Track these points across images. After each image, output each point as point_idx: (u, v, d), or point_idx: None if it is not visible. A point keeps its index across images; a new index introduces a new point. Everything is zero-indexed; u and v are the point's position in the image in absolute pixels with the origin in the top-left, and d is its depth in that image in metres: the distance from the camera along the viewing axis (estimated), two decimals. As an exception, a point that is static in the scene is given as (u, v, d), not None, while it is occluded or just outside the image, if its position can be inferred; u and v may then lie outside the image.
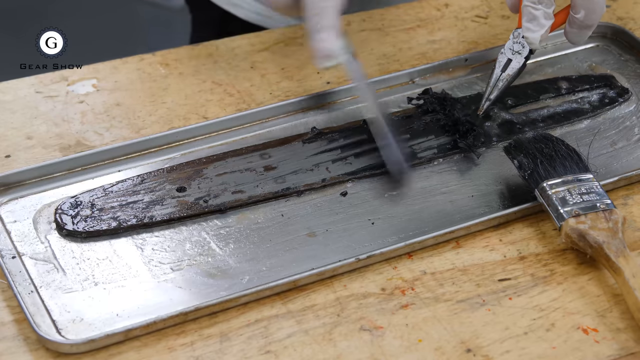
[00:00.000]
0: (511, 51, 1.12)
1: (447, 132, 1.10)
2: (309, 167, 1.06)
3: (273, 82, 1.18)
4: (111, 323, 0.92)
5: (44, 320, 0.91)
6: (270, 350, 0.90)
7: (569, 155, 1.02)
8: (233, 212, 1.02)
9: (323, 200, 1.04)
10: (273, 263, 0.97)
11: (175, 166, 1.06)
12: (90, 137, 1.11)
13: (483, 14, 1.29)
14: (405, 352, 0.90)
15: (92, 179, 1.05)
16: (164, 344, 0.91)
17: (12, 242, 0.98)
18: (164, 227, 1.00)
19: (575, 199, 0.99)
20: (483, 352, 0.90)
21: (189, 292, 0.95)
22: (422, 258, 0.99)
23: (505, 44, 1.12)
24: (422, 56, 1.22)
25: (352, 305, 0.94)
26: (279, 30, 1.25)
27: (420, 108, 1.13)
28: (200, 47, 1.23)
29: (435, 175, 1.07)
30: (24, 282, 0.94)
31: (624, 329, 0.93)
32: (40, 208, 1.02)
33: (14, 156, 1.08)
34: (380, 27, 1.26)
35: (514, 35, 1.12)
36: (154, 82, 1.18)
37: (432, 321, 0.93)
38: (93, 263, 0.97)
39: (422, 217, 1.02)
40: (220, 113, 1.14)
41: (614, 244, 0.95)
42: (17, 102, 1.14)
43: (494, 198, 1.04)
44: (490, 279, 0.97)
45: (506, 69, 1.12)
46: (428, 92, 1.13)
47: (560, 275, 0.97)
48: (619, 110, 1.15)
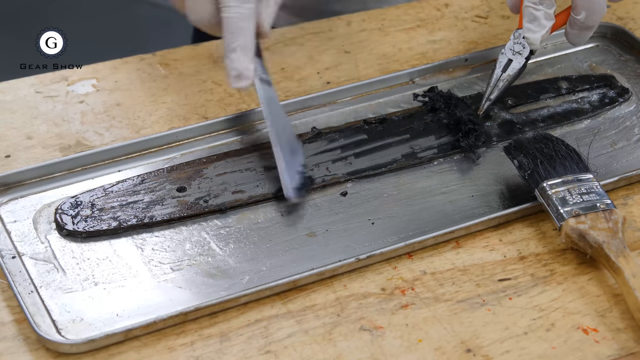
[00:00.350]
0: (512, 51, 1.12)
1: (449, 132, 1.10)
2: (309, 167, 1.06)
3: (273, 82, 1.18)
4: (111, 323, 0.92)
5: (44, 320, 0.91)
6: (270, 350, 0.90)
7: (569, 155, 1.02)
8: (233, 212, 1.02)
9: (323, 200, 1.04)
10: (273, 263, 0.97)
11: (175, 166, 1.06)
12: (90, 137, 1.11)
13: (483, 14, 1.29)
14: (405, 352, 0.90)
15: (92, 179, 1.05)
16: (164, 344, 0.91)
17: (12, 242, 0.98)
18: (164, 227, 1.00)
19: (575, 199, 0.99)
20: (483, 352, 0.90)
21: (189, 292, 0.95)
22: (422, 258, 0.99)
23: (506, 44, 1.12)
24: (422, 56, 1.22)
25: (352, 305, 0.94)
26: (278, 30, 1.25)
27: (425, 105, 1.13)
28: (200, 47, 1.23)
29: (435, 175, 1.07)
30: (24, 282, 0.94)
31: (624, 329, 0.93)
32: (40, 208, 1.02)
33: (14, 156, 1.08)
34: (380, 27, 1.26)
35: (515, 35, 1.12)
36: (154, 82, 1.18)
37: (432, 321, 0.93)
38: (93, 263, 0.97)
39: (422, 217, 1.02)
40: (220, 113, 1.14)
41: (614, 244, 0.95)
42: (17, 102, 1.14)
43: (494, 198, 1.04)
44: (490, 279, 0.97)
45: (507, 69, 1.12)
46: (434, 89, 1.13)
47: (560, 275, 0.97)
48: (619, 110, 1.15)
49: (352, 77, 1.19)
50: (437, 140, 1.09)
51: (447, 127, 1.10)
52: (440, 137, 1.10)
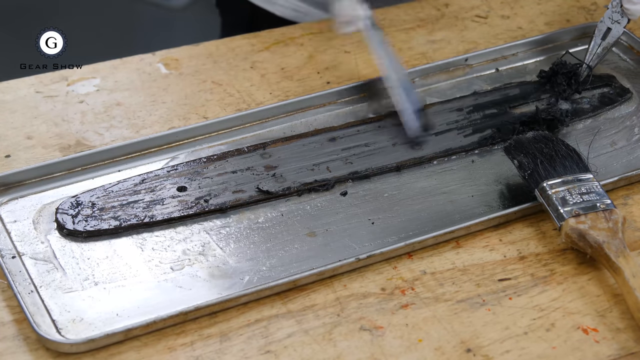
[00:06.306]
0: (610, 20, 1.15)
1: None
2: (309, 167, 1.06)
3: (273, 82, 1.18)
4: (111, 323, 0.92)
5: (44, 320, 0.91)
6: (270, 350, 0.90)
7: (569, 155, 1.02)
8: (233, 212, 1.02)
9: (323, 200, 1.04)
10: (273, 263, 0.97)
11: (175, 166, 1.06)
12: (90, 137, 1.11)
13: (483, 14, 1.29)
14: (405, 352, 0.90)
15: (92, 179, 1.05)
16: (164, 344, 0.91)
17: (12, 242, 0.98)
18: (164, 226, 1.00)
19: (575, 199, 0.99)
20: (483, 352, 0.90)
21: (189, 292, 0.95)
22: (422, 258, 0.99)
23: (605, 13, 1.15)
24: (422, 56, 1.22)
25: (352, 305, 0.94)
26: (278, 30, 1.25)
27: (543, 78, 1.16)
28: (200, 47, 1.23)
29: (435, 175, 1.07)
30: (24, 282, 0.94)
31: (624, 329, 0.93)
32: (40, 208, 1.02)
33: (14, 156, 1.08)
34: (380, 27, 1.26)
35: (613, 4, 1.14)
36: (154, 82, 1.18)
37: (432, 321, 0.93)
38: (93, 263, 0.97)
39: (422, 217, 1.02)
40: (220, 113, 1.14)
41: (614, 244, 0.95)
42: (17, 102, 1.14)
43: (494, 198, 1.05)
44: (490, 279, 0.97)
45: (606, 37, 1.15)
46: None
47: (560, 275, 0.97)
48: (619, 110, 1.15)
49: (352, 77, 1.19)
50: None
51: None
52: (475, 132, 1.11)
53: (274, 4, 1.35)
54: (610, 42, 1.15)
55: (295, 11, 1.35)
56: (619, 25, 1.14)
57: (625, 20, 1.14)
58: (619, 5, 1.14)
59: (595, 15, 1.28)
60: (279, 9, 1.35)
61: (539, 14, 1.29)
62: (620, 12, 1.14)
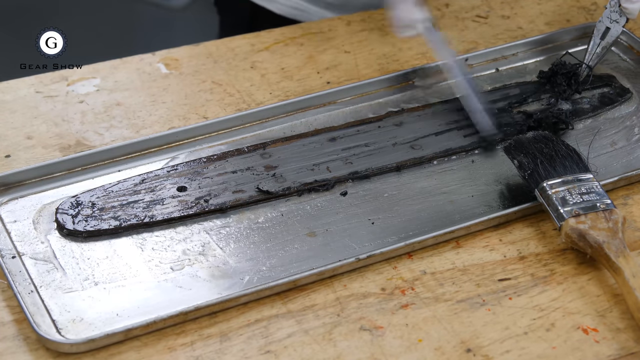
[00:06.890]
0: (609, 19, 1.15)
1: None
2: (309, 167, 1.06)
3: (273, 82, 1.18)
4: (111, 323, 0.92)
5: (44, 320, 0.91)
6: (270, 350, 0.90)
7: (569, 155, 1.02)
8: (233, 212, 1.02)
9: (323, 200, 1.04)
10: (273, 263, 0.97)
11: (175, 166, 1.06)
12: (90, 137, 1.11)
13: (483, 14, 1.29)
14: (405, 352, 0.90)
15: (92, 179, 1.05)
16: (164, 344, 0.91)
17: (12, 242, 0.98)
18: (164, 226, 1.00)
19: (575, 199, 0.99)
20: (483, 352, 0.90)
21: (189, 292, 0.95)
22: (422, 258, 0.99)
23: (603, 12, 1.15)
24: (422, 56, 1.22)
25: (352, 305, 0.94)
26: (278, 30, 1.25)
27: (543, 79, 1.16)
28: (200, 47, 1.23)
29: (435, 175, 1.07)
30: (24, 282, 0.94)
31: (624, 329, 0.93)
32: (40, 208, 1.02)
33: (14, 156, 1.08)
34: (380, 27, 1.26)
35: (611, 4, 1.15)
36: (154, 82, 1.18)
37: (432, 321, 0.93)
38: (93, 263, 0.97)
39: (422, 217, 1.02)
40: (220, 113, 1.14)
41: (614, 244, 0.95)
42: (17, 102, 1.14)
43: (494, 198, 1.05)
44: (490, 279, 0.97)
45: (605, 36, 1.15)
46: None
47: (560, 275, 0.97)
48: (619, 110, 1.15)
49: (352, 77, 1.19)
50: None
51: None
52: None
53: (273, 2, 1.35)
54: (610, 42, 1.15)
55: (295, 9, 1.35)
56: (618, 24, 1.15)
57: (624, 20, 1.14)
58: (617, 5, 1.14)
59: (595, 15, 1.28)
60: (278, 6, 1.35)
61: (539, 14, 1.29)
62: (619, 11, 1.14)
